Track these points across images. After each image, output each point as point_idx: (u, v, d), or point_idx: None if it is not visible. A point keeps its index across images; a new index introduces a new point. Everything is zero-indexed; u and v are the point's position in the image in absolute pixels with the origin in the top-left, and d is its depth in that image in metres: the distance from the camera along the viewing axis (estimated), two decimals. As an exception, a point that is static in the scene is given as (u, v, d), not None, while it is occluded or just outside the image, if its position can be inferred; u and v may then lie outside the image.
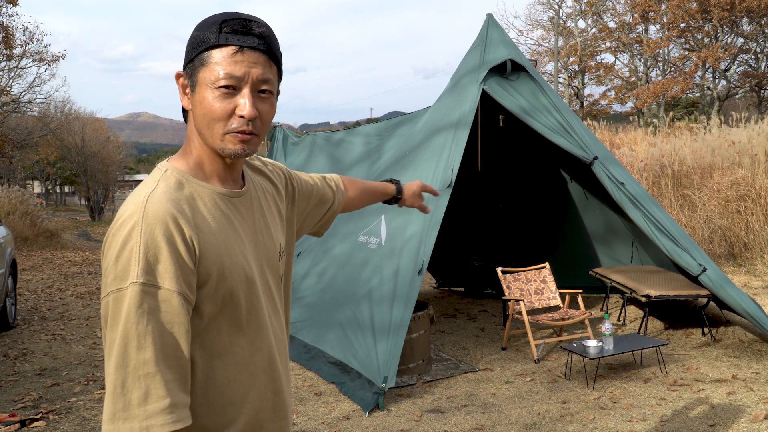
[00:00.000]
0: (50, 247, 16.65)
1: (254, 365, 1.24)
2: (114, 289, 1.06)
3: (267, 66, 1.19)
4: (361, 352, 4.69)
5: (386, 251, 5.09)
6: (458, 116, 5.33)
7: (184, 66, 1.22)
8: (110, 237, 1.11)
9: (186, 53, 1.22)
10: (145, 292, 1.05)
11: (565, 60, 33.00)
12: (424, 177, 5.21)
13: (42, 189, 51.45)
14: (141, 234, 1.08)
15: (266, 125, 1.23)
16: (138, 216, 1.09)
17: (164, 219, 1.10)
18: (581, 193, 7.64)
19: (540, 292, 5.98)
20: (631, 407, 4.19)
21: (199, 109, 1.19)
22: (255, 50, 1.17)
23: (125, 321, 1.04)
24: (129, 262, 1.06)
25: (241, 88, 1.17)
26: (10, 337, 6.62)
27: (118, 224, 1.11)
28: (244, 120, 1.17)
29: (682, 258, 4.99)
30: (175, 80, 1.24)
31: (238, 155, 1.20)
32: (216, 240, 1.17)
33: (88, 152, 33.19)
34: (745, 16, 25.95)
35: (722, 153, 9.91)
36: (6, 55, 20.23)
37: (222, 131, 1.18)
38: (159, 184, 1.17)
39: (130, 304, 1.04)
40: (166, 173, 1.21)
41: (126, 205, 1.15)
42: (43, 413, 4.31)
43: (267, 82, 1.19)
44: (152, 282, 1.06)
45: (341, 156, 7.27)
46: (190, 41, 1.20)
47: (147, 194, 1.13)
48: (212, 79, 1.16)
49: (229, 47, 1.15)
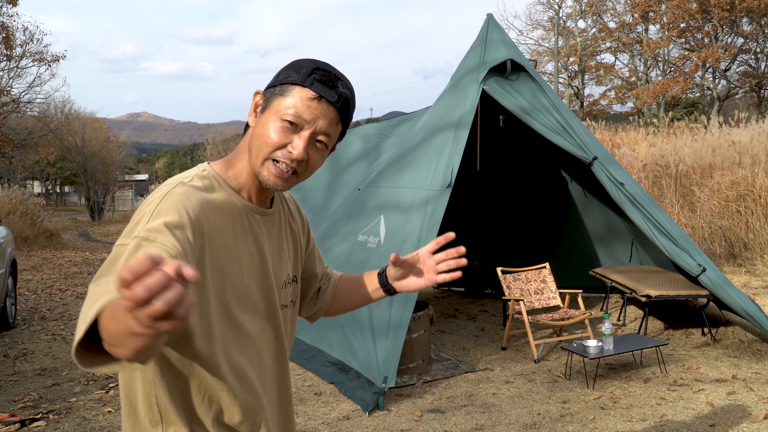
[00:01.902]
0: (50, 247, 16.65)
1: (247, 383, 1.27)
2: (119, 244, 1.09)
3: (334, 123, 1.25)
4: (360, 352, 4.69)
5: (385, 250, 5.08)
6: (458, 116, 5.33)
7: (266, 88, 1.29)
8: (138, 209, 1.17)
9: (273, 79, 1.29)
10: (143, 240, 1.06)
11: (565, 60, 33.01)
12: (423, 177, 5.21)
13: (42, 189, 51.46)
14: (161, 202, 1.13)
15: (310, 172, 1.28)
16: (165, 190, 1.16)
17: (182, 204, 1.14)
18: (581, 193, 7.64)
19: (540, 292, 5.98)
20: (631, 407, 4.19)
21: (259, 130, 1.24)
22: (330, 104, 1.23)
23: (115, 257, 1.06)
24: (138, 223, 1.10)
25: (302, 130, 1.22)
26: (10, 337, 6.62)
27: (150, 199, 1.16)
28: (291, 156, 1.22)
29: (682, 258, 4.99)
30: (252, 96, 1.31)
31: (269, 185, 1.25)
32: (225, 250, 1.20)
33: (88, 152, 33.21)
34: (745, 16, 25.96)
35: (722, 153, 9.91)
36: (6, 55, 20.23)
37: (265, 156, 1.23)
38: (194, 179, 1.23)
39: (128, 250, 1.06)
40: (203, 172, 1.26)
41: (159, 188, 1.20)
42: (43, 413, 4.30)
43: (328, 136, 1.25)
44: (151, 237, 1.06)
45: (339, 155, 7.27)
46: (281, 71, 1.28)
47: (180, 181, 1.20)
48: (282, 109, 1.22)
49: (311, 91, 1.22)
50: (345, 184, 6.82)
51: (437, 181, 5.04)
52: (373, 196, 5.75)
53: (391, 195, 5.48)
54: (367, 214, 5.56)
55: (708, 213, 9.00)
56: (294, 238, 1.46)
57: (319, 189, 7.10)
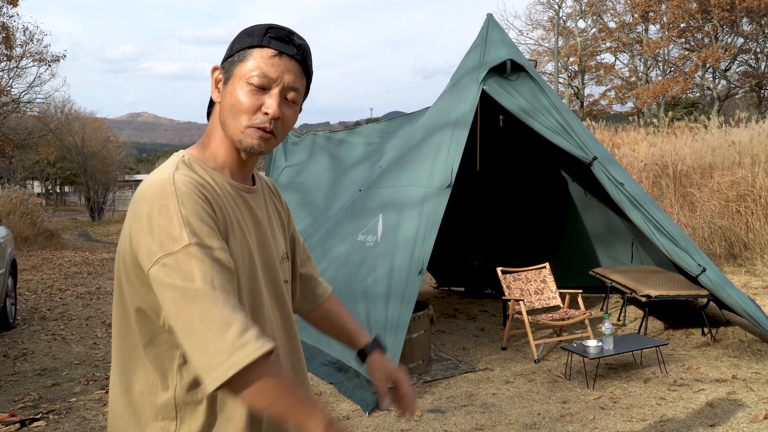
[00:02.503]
0: (50, 247, 16.65)
1: None
2: (163, 254, 1.08)
3: (299, 76, 1.26)
4: (360, 352, 4.68)
5: (381, 249, 5.08)
6: (458, 116, 5.33)
7: (222, 62, 1.29)
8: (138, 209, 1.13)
9: (227, 50, 1.29)
10: (201, 251, 1.08)
11: (565, 60, 33.00)
12: (423, 176, 5.20)
13: (42, 189, 51.45)
14: (179, 201, 1.11)
15: (286, 130, 1.29)
16: (170, 187, 1.13)
17: (194, 189, 1.15)
18: (581, 193, 7.64)
19: (540, 292, 5.98)
20: (631, 407, 4.19)
21: (228, 100, 1.24)
22: (292, 59, 1.24)
23: (191, 272, 1.06)
24: (172, 227, 1.09)
25: (271, 89, 1.23)
26: (10, 337, 6.62)
27: (148, 196, 1.14)
28: (267, 117, 1.22)
29: (682, 258, 4.99)
30: (210, 74, 1.30)
31: (254, 150, 1.25)
32: (230, 221, 1.21)
33: (88, 152, 33.20)
34: (745, 16, 25.96)
35: (722, 153, 9.91)
36: (6, 55, 20.23)
37: (245, 124, 1.23)
38: (179, 166, 1.21)
39: (192, 261, 1.07)
40: (183, 158, 1.26)
41: (149, 183, 1.17)
42: (43, 413, 4.31)
43: (296, 91, 1.26)
44: (202, 243, 1.09)
45: (342, 156, 7.27)
46: (234, 41, 1.28)
47: (171, 172, 1.18)
48: (247, 74, 1.22)
49: (270, 50, 1.23)
50: (347, 186, 6.82)
51: (437, 181, 5.04)
52: (373, 196, 5.75)
53: (390, 194, 5.48)
54: (368, 215, 5.56)
55: (708, 213, 8.99)
56: (279, 216, 1.47)
57: (321, 190, 7.10)
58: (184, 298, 1.06)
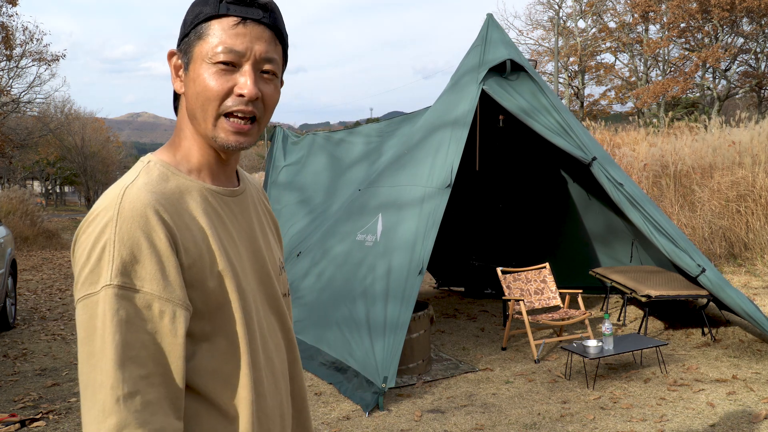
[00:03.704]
0: (50, 247, 16.64)
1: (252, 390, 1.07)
2: (84, 295, 0.91)
3: (272, 43, 1.05)
4: (358, 352, 4.69)
5: (381, 249, 5.09)
6: (457, 116, 5.33)
7: (179, 43, 1.07)
8: (80, 234, 0.96)
9: (181, 28, 1.07)
10: (120, 297, 0.90)
11: (565, 60, 33.00)
12: (422, 176, 5.21)
13: (42, 189, 51.47)
14: (116, 229, 0.92)
15: (269, 111, 1.07)
16: (113, 210, 0.94)
17: (143, 212, 0.94)
18: (581, 193, 7.64)
19: (540, 292, 5.98)
20: (631, 407, 4.19)
21: (193, 88, 1.04)
22: (259, 23, 1.03)
23: (100, 331, 0.89)
24: (101, 261, 0.91)
25: (241, 65, 1.02)
26: (10, 337, 6.62)
27: (90, 220, 0.96)
28: (243, 99, 1.02)
29: (682, 259, 4.99)
30: (167, 60, 1.09)
31: (230, 147, 1.04)
32: (206, 241, 1.01)
33: (88, 152, 33.24)
34: (745, 16, 25.95)
35: (722, 153, 9.91)
36: (6, 55, 20.24)
37: (216, 112, 1.02)
38: (139, 176, 1.01)
39: (104, 310, 0.89)
40: (148, 165, 1.04)
41: (101, 200, 0.99)
42: (43, 413, 4.30)
43: (271, 62, 1.05)
44: (128, 284, 0.91)
45: (341, 156, 7.27)
46: (186, 15, 1.06)
47: (124, 186, 0.98)
48: (209, 52, 1.01)
49: (230, 18, 1.01)
50: (346, 185, 6.82)
51: (436, 180, 5.04)
52: (373, 195, 5.75)
53: (390, 194, 5.48)
54: (367, 214, 5.56)
55: (708, 213, 8.99)
56: (271, 221, 1.29)
57: (320, 190, 7.10)
58: (85, 354, 0.90)
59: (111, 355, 0.87)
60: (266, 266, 1.15)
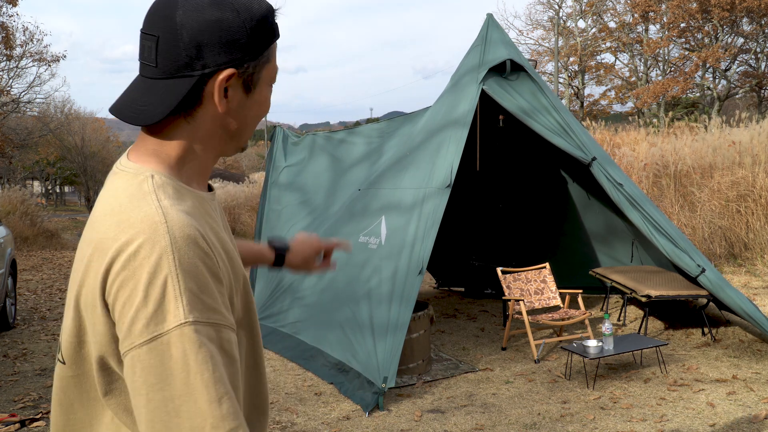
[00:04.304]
0: (50, 247, 16.64)
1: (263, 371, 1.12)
2: (150, 338, 0.83)
3: None
4: (360, 352, 4.69)
5: (385, 251, 5.09)
6: (458, 116, 5.33)
7: (240, 62, 0.96)
8: (120, 271, 0.85)
9: (249, 43, 0.96)
10: (199, 333, 0.83)
11: (565, 60, 33.01)
12: (423, 176, 5.21)
13: (42, 189, 51.47)
14: (175, 261, 0.85)
15: None
16: (164, 239, 0.85)
17: (194, 238, 0.88)
18: (581, 193, 7.64)
19: (540, 292, 5.98)
20: (631, 407, 4.19)
21: (254, 110, 1.02)
22: None
23: (181, 373, 0.82)
24: (165, 298, 0.83)
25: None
26: (10, 337, 6.62)
27: (130, 253, 0.85)
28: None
29: (681, 259, 4.99)
30: (225, 80, 0.96)
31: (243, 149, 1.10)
32: (227, 256, 0.99)
33: (88, 152, 33.26)
34: (745, 16, 25.96)
35: (723, 153, 9.91)
36: (6, 55, 20.24)
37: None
38: (160, 196, 0.92)
39: (184, 350, 0.82)
40: (155, 180, 0.95)
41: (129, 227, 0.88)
42: (43, 413, 4.30)
43: None
44: (202, 319, 0.85)
45: (342, 156, 7.27)
46: (257, 27, 0.97)
47: (159, 210, 0.89)
48: (273, 75, 1.02)
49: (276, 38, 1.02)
50: (347, 185, 6.82)
51: (437, 181, 5.04)
52: (374, 197, 5.75)
53: (391, 196, 5.48)
54: (368, 215, 5.56)
55: (708, 213, 8.99)
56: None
57: (320, 190, 7.10)
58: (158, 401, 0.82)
59: (204, 395, 0.82)
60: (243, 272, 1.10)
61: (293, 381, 4.93)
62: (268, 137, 8.15)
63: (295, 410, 4.31)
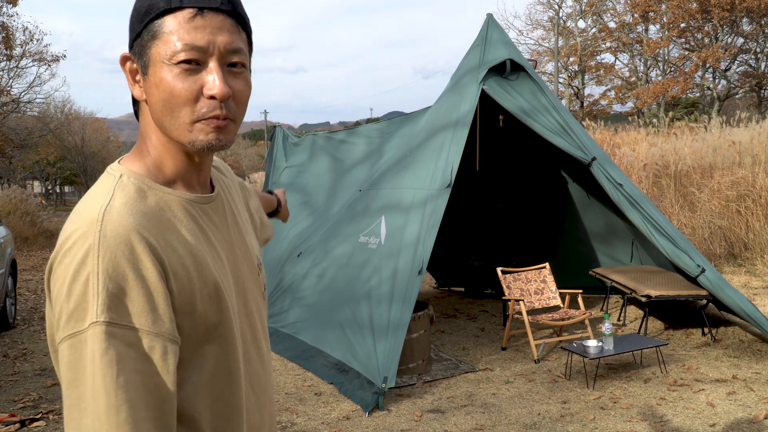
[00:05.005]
0: (50, 247, 16.64)
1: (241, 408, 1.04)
2: (69, 334, 0.83)
3: (235, 32, 0.95)
4: (360, 352, 4.69)
5: (385, 251, 5.09)
6: (457, 116, 5.33)
7: (131, 45, 0.96)
8: (56, 265, 0.87)
9: (130, 27, 0.96)
10: (109, 334, 0.82)
11: (565, 60, 33.01)
12: (423, 176, 5.21)
13: (42, 189, 51.47)
14: (98, 259, 0.84)
15: (243, 108, 0.98)
16: (92, 237, 0.85)
17: (128, 239, 0.86)
18: (581, 193, 7.64)
19: (540, 292, 5.98)
20: (631, 407, 4.19)
21: (157, 95, 0.93)
22: (218, 12, 0.93)
23: (90, 373, 0.81)
24: (85, 296, 0.83)
25: (206, 62, 0.93)
26: (10, 337, 6.62)
27: (66, 248, 0.86)
28: (215, 102, 0.93)
29: (681, 259, 4.99)
30: (121, 66, 0.97)
31: (212, 147, 0.95)
32: (193, 261, 0.94)
33: (88, 152, 33.27)
34: (745, 16, 25.96)
35: (723, 153, 9.91)
36: (6, 55, 20.24)
37: (190, 119, 0.93)
38: (115, 195, 0.91)
39: (93, 350, 0.81)
40: (122, 180, 0.95)
41: (73, 223, 0.89)
42: (43, 413, 4.31)
43: (238, 53, 0.95)
44: (117, 321, 0.83)
45: (343, 156, 7.27)
46: (134, 11, 0.95)
47: (102, 208, 0.88)
48: (168, 53, 0.91)
49: (185, 10, 0.91)
50: (348, 186, 6.82)
51: (437, 181, 5.04)
52: (374, 197, 5.75)
53: (391, 196, 5.48)
54: (369, 216, 5.56)
55: (708, 213, 8.99)
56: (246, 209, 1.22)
57: (321, 191, 7.10)
58: (74, 398, 0.82)
59: (104, 400, 0.80)
60: (243, 275, 1.09)
61: (293, 381, 4.93)
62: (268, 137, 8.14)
63: (295, 410, 4.31)
